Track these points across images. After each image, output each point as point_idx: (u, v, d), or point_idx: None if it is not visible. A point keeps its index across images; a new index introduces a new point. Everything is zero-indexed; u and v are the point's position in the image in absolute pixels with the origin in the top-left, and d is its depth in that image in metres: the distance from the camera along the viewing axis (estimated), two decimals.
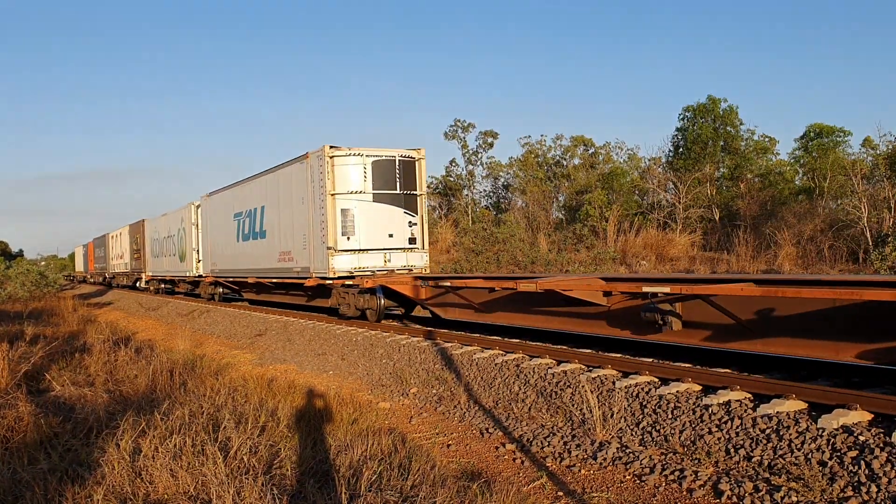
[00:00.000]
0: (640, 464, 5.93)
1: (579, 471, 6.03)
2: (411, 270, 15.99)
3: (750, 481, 5.27)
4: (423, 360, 10.79)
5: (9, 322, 18.84)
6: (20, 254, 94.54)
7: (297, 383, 10.12)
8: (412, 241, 16.29)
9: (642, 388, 7.49)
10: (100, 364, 11.28)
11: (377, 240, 15.86)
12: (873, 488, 4.85)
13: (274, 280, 19.28)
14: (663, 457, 6.08)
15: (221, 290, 25.84)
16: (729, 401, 6.67)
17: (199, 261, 27.12)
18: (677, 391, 7.23)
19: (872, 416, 5.89)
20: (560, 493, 5.57)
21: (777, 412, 6.17)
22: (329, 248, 15.48)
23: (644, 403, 7.13)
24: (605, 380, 8.01)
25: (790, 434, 5.78)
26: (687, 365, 8.46)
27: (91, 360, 11.64)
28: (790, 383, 6.88)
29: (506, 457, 6.61)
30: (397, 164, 16.05)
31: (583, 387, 7.74)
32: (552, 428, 7.19)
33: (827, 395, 6.34)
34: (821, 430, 5.69)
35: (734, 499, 5.07)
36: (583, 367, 8.81)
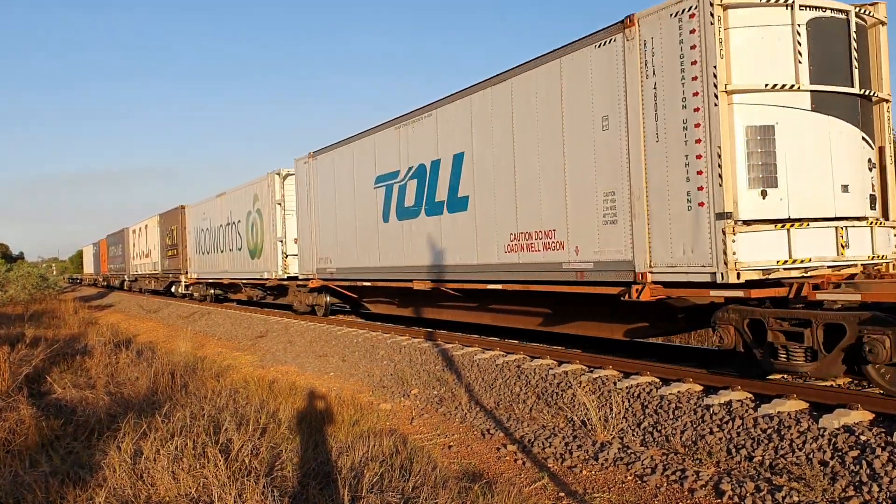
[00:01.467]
0: (642, 464, 5.93)
1: (581, 471, 6.03)
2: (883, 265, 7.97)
3: (751, 481, 5.27)
4: (425, 362, 10.79)
5: (10, 324, 18.84)
6: (21, 256, 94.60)
7: (298, 385, 10.12)
8: (872, 200, 7.92)
9: (643, 389, 7.49)
10: (101, 366, 11.28)
11: (821, 198, 7.46)
12: (875, 488, 4.85)
13: (492, 284, 10.39)
14: (665, 457, 6.08)
15: (329, 298, 17.53)
16: (730, 401, 6.67)
17: (288, 256, 18.79)
18: (678, 391, 7.23)
19: (874, 415, 5.89)
20: (562, 494, 5.57)
21: (778, 412, 6.17)
22: (722, 216, 7.12)
23: (645, 404, 7.13)
24: (606, 380, 8.01)
25: (791, 434, 5.78)
26: (688, 365, 8.46)
27: (92, 363, 11.65)
28: (791, 383, 6.89)
29: (507, 458, 6.61)
30: (852, 29, 7.67)
31: (583, 388, 7.74)
32: (553, 429, 7.18)
33: (828, 394, 6.34)
34: (822, 430, 5.69)
35: (735, 499, 5.07)
36: (584, 367, 8.80)
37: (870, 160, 7.94)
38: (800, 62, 7.36)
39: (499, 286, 10.32)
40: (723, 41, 7.24)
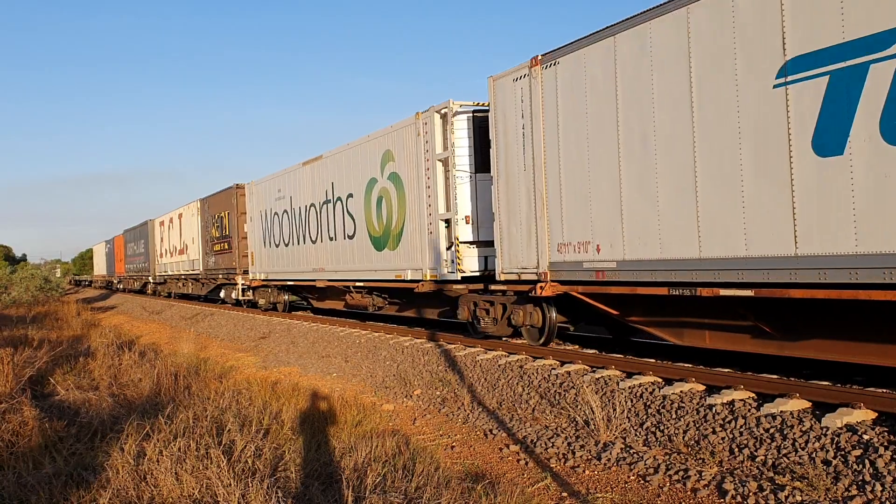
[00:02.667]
0: (645, 464, 5.93)
1: (583, 471, 6.04)
2: None
3: (754, 481, 5.27)
4: (427, 362, 10.79)
5: (13, 326, 18.88)
6: (23, 258, 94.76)
7: (300, 386, 10.14)
8: None
9: (646, 389, 7.49)
10: (104, 368, 11.31)
11: None
12: (878, 487, 4.85)
13: None
14: (667, 457, 6.07)
15: (556, 315, 10.03)
16: (733, 400, 6.66)
17: (462, 243, 11.34)
18: (681, 391, 7.23)
19: (876, 414, 5.88)
20: (564, 494, 5.57)
21: (781, 411, 6.16)
22: None
23: (648, 404, 7.13)
24: (608, 380, 8.01)
25: (794, 433, 5.77)
26: (690, 365, 8.46)
27: (95, 364, 11.67)
28: (794, 382, 6.88)
29: (510, 458, 6.61)
30: None
31: (586, 388, 7.74)
32: (556, 429, 7.19)
33: (830, 393, 6.33)
34: (825, 429, 5.69)
35: (738, 498, 5.07)
36: (586, 367, 8.80)
37: None
38: None
39: None
40: None
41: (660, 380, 7.80)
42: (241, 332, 18.47)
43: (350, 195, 15.07)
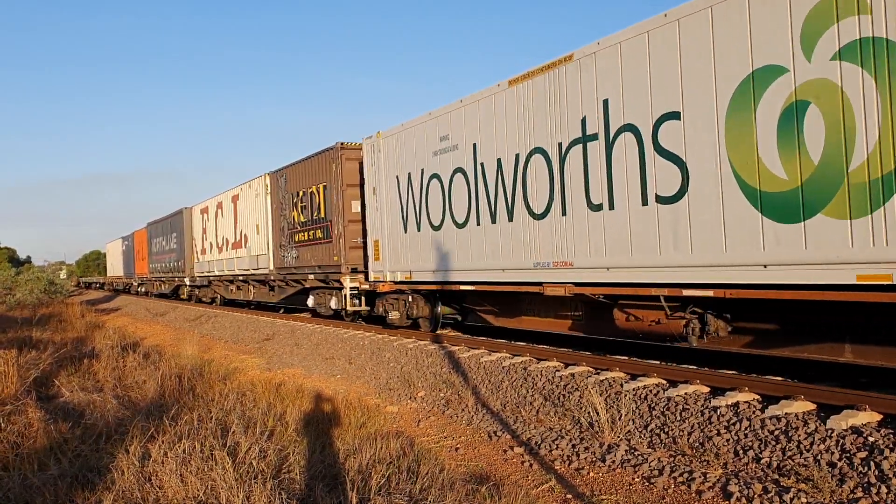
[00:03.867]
0: (649, 466, 5.93)
1: (588, 473, 6.03)
2: None
3: (759, 483, 5.26)
4: (431, 364, 10.79)
5: (18, 328, 18.93)
6: (28, 260, 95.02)
7: (304, 387, 10.14)
8: None
9: (650, 391, 7.48)
10: (108, 370, 11.33)
11: None
12: (883, 489, 4.84)
13: None
14: (672, 459, 6.07)
15: None
16: (737, 402, 6.66)
17: None
18: (685, 393, 7.22)
19: (882, 416, 5.87)
20: (569, 496, 5.57)
21: (785, 413, 6.15)
22: None
23: (652, 405, 7.12)
24: (612, 382, 8.00)
25: (799, 435, 5.76)
26: (694, 367, 8.45)
27: (99, 366, 11.69)
28: (798, 384, 6.87)
29: (514, 460, 6.61)
30: None
31: (590, 390, 7.74)
32: (560, 431, 7.18)
33: (835, 395, 6.32)
34: (830, 431, 5.68)
35: (743, 500, 5.06)
36: (590, 369, 8.80)
37: None
38: None
39: None
40: None
41: (664, 381, 7.79)
42: (244, 334, 18.50)
43: (666, 116, 7.88)
